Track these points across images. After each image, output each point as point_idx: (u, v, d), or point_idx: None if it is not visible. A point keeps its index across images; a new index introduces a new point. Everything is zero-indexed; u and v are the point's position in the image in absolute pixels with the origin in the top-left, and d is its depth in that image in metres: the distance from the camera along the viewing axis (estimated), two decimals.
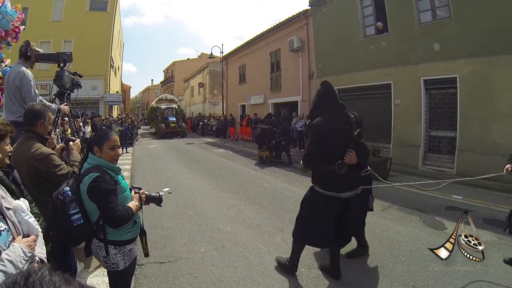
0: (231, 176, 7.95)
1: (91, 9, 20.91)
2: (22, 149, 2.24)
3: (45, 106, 2.51)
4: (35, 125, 2.32)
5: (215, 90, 28.60)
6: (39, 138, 2.32)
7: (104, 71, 21.09)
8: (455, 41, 7.74)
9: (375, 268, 3.20)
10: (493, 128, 7.02)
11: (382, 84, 9.65)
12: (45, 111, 2.37)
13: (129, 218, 1.89)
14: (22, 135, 2.31)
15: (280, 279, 3.01)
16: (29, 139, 2.28)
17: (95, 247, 1.92)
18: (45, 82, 14.68)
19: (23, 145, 2.26)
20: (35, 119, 2.32)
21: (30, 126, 2.31)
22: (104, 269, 2.94)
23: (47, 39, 18.57)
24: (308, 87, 13.40)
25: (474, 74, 7.38)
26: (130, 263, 1.98)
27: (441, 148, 8.34)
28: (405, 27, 8.93)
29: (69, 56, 3.58)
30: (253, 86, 18.48)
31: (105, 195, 1.82)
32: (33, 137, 2.29)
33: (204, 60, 31.68)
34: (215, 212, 5.07)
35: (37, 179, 2.20)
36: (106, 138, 1.96)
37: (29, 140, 2.27)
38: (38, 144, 2.28)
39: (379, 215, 4.84)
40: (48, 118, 2.37)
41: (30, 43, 3.26)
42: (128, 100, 49.50)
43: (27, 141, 2.27)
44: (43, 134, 2.36)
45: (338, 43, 11.30)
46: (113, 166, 1.97)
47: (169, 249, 3.71)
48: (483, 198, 5.71)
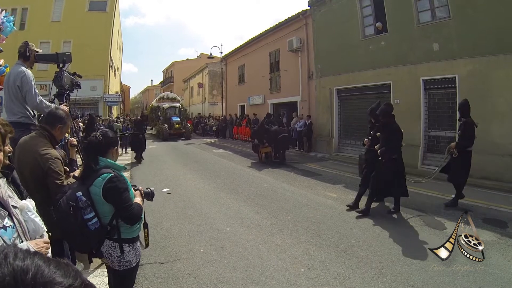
0: (231, 176, 7.95)
1: (91, 10, 20.92)
2: (31, 142, 2.27)
3: (68, 115, 2.60)
4: (54, 127, 2.37)
5: (214, 91, 28.58)
6: (51, 139, 2.35)
7: (103, 71, 21.09)
8: (454, 41, 7.75)
9: (375, 268, 3.20)
10: (492, 127, 7.02)
11: (382, 84, 9.65)
12: (67, 119, 2.46)
13: (141, 214, 1.98)
14: (36, 130, 2.35)
15: (280, 279, 3.01)
16: (42, 136, 2.31)
17: (107, 248, 1.89)
18: (45, 83, 14.63)
19: (34, 140, 2.29)
20: (55, 122, 2.37)
21: (48, 126, 2.35)
22: (103, 270, 2.94)
23: (47, 40, 18.59)
24: (308, 87, 13.40)
25: (473, 74, 7.38)
26: (139, 259, 2.05)
27: (440, 148, 8.33)
28: (404, 27, 8.94)
29: (68, 56, 3.58)
30: (252, 86, 18.48)
31: (123, 194, 1.86)
32: (46, 136, 2.33)
33: (203, 61, 31.69)
34: (215, 213, 5.07)
35: (39, 177, 2.21)
36: (117, 141, 2.10)
37: (41, 137, 2.31)
38: (49, 145, 2.32)
39: (379, 215, 4.85)
40: (67, 126, 2.44)
41: (28, 43, 3.26)
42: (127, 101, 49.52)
43: (39, 138, 2.31)
44: (57, 138, 2.41)
45: (338, 43, 11.30)
46: (120, 166, 2.02)
47: (168, 249, 3.71)
48: (483, 198, 5.71)
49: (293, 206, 5.37)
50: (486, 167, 6.98)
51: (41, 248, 1.36)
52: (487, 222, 4.42)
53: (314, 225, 4.46)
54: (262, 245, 3.81)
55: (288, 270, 3.19)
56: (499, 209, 5.05)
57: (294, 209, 5.18)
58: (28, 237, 1.39)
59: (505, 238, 3.88)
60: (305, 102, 13.53)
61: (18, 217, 1.36)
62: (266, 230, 4.29)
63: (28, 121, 3.21)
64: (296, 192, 6.31)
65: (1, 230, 1.23)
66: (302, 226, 4.41)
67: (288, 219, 4.67)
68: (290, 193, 6.21)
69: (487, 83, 7.13)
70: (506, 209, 5.04)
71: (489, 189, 6.34)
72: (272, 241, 3.94)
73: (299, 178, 7.65)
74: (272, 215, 4.91)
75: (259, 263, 3.33)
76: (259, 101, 17.63)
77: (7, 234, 1.26)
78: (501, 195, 5.89)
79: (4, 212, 1.30)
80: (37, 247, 1.34)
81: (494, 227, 4.23)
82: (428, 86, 8.48)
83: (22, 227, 1.36)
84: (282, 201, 5.67)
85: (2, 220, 1.26)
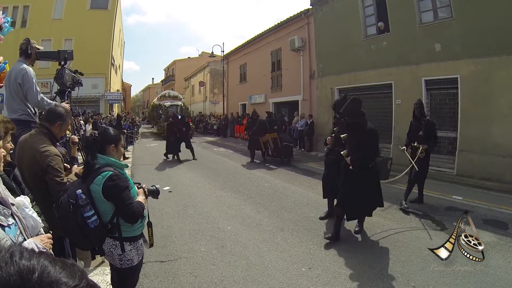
0: (232, 175, 7.95)
1: (92, 7, 20.87)
2: (31, 140, 2.26)
3: (68, 112, 2.58)
4: (53, 124, 2.36)
5: (215, 89, 28.53)
6: (50, 136, 2.34)
7: (104, 69, 21.06)
8: (456, 42, 7.73)
9: (375, 268, 3.20)
10: (493, 128, 7.01)
11: (383, 84, 9.64)
12: (67, 116, 2.45)
13: (143, 212, 1.96)
14: (36, 128, 2.34)
15: (281, 278, 3.01)
16: (41, 134, 2.31)
17: (108, 246, 1.91)
18: (46, 80, 14.61)
19: (34, 138, 2.28)
20: (55, 119, 2.36)
21: (48, 123, 2.34)
22: (104, 268, 2.95)
23: (48, 37, 18.58)
24: (309, 87, 13.39)
25: (475, 74, 7.36)
26: (142, 257, 2.05)
27: (441, 149, 8.33)
28: (407, 27, 8.91)
29: (69, 54, 3.58)
30: (253, 85, 18.46)
31: (123, 192, 1.86)
32: (45, 134, 2.32)
33: (205, 59, 31.61)
34: (216, 211, 5.07)
35: (38, 175, 2.21)
36: (120, 137, 2.04)
37: (40, 135, 2.30)
38: (48, 142, 2.30)
39: (379, 215, 4.83)
40: (66, 123, 2.43)
41: (30, 41, 3.26)
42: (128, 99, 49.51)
43: (38, 135, 2.30)
44: (56, 135, 2.40)
45: (339, 42, 11.27)
46: (121, 164, 2.02)
47: (169, 248, 3.71)
48: (483, 198, 5.70)
49: (294, 205, 5.37)
50: (487, 168, 6.98)
51: (46, 244, 1.38)
52: (488, 223, 4.42)
53: (315, 224, 4.45)
54: (262, 244, 3.81)
55: (289, 269, 3.19)
56: (500, 210, 5.04)
57: (295, 208, 5.18)
58: (28, 233, 1.40)
59: (505, 239, 3.87)
60: (307, 101, 13.52)
61: (17, 214, 1.38)
62: (267, 229, 4.29)
63: (29, 119, 3.21)
64: (297, 191, 6.31)
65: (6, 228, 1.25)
66: (303, 225, 4.41)
67: (289, 218, 4.67)
68: (291, 192, 6.21)
69: (489, 84, 7.11)
70: (506, 210, 5.03)
71: (489, 190, 6.34)
72: (273, 240, 3.94)
73: (300, 177, 7.64)
74: (273, 214, 4.91)
75: (259, 262, 3.33)
76: (260, 100, 17.61)
77: (11, 232, 1.27)
78: (501, 196, 5.87)
79: (7, 211, 1.31)
80: (43, 243, 1.36)
81: (495, 228, 4.23)
82: (430, 87, 8.47)
83: (22, 224, 1.38)
84: (283, 200, 5.67)
85: (7, 219, 1.28)
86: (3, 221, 1.25)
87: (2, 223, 1.24)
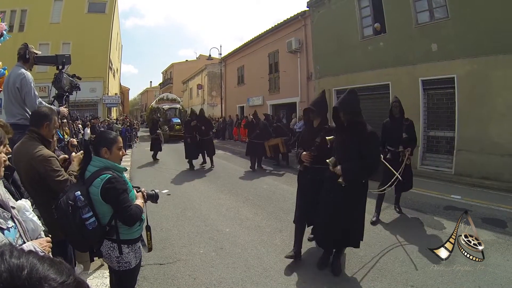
0: (230, 177, 7.95)
1: (90, 11, 20.89)
2: (23, 148, 2.26)
3: (52, 110, 2.55)
4: (40, 126, 2.34)
5: (213, 92, 28.54)
6: (42, 139, 2.33)
7: (102, 73, 21.05)
8: (452, 42, 7.77)
9: (374, 268, 3.21)
10: (491, 127, 7.04)
11: (380, 85, 9.67)
12: (52, 114, 2.42)
13: (140, 216, 1.97)
14: (26, 134, 2.33)
15: (279, 280, 3.02)
16: (32, 139, 2.30)
17: (106, 248, 1.93)
18: (44, 84, 14.62)
19: (25, 145, 2.28)
20: (40, 121, 2.34)
21: (35, 127, 2.33)
22: (104, 271, 2.95)
23: (46, 41, 18.58)
24: (307, 88, 13.43)
25: (472, 74, 7.40)
26: (139, 260, 2.05)
27: (439, 148, 8.36)
28: (403, 28, 8.96)
29: (67, 58, 3.58)
30: (251, 87, 18.50)
31: (121, 195, 1.87)
32: (36, 138, 2.31)
33: (202, 62, 31.60)
34: (214, 214, 5.07)
35: (35, 180, 2.21)
36: (116, 140, 2.02)
37: (32, 141, 2.29)
38: (40, 146, 2.29)
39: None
40: (53, 122, 2.41)
41: (28, 45, 3.27)
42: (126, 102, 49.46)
43: (30, 141, 2.29)
44: (47, 137, 2.38)
45: (336, 44, 11.31)
46: (120, 167, 2.02)
47: (168, 250, 3.71)
48: (482, 197, 5.72)
49: (292, 207, 5.32)
50: (485, 167, 7.00)
51: (45, 247, 1.39)
52: (486, 222, 4.43)
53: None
54: (261, 246, 3.81)
55: (288, 270, 3.19)
56: (498, 208, 5.06)
57: (293, 210, 5.13)
58: (28, 236, 1.41)
59: (504, 237, 3.89)
60: (304, 103, 13.52)
61: (17, 217, 1.39)
62: (266, 231, 4.29)
63: (27, 123, 3.20)
64: (295, 193, 6.29)
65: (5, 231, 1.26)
66: None
67: (287, 220, 4.67)
68: (289, 194, 6.21)
69: (485, 83, 7.15)
70: (505, 208, 5.05)
71: (488, 188, 6.36)
72: (272, 242, 3.94)
73: None
74: (272, 216, 4.91)
75: (258, 264, 3.33)
76: (258, 102, 17.64)
77: (10, 235, 1.28)
78: (500, 195, 5.90)
79: (7, 214, 1.32)
80: (42, 246, 1.37)
81: (493, 227, 4.24)
82: (427, 87, 8.50)
83: (22, 227, 1.39)
84: (281, 202, 5.67)
85: (6, 222, 1.29)
86: (2, 224, 1.26)
87: (1, 226, 1.25)
